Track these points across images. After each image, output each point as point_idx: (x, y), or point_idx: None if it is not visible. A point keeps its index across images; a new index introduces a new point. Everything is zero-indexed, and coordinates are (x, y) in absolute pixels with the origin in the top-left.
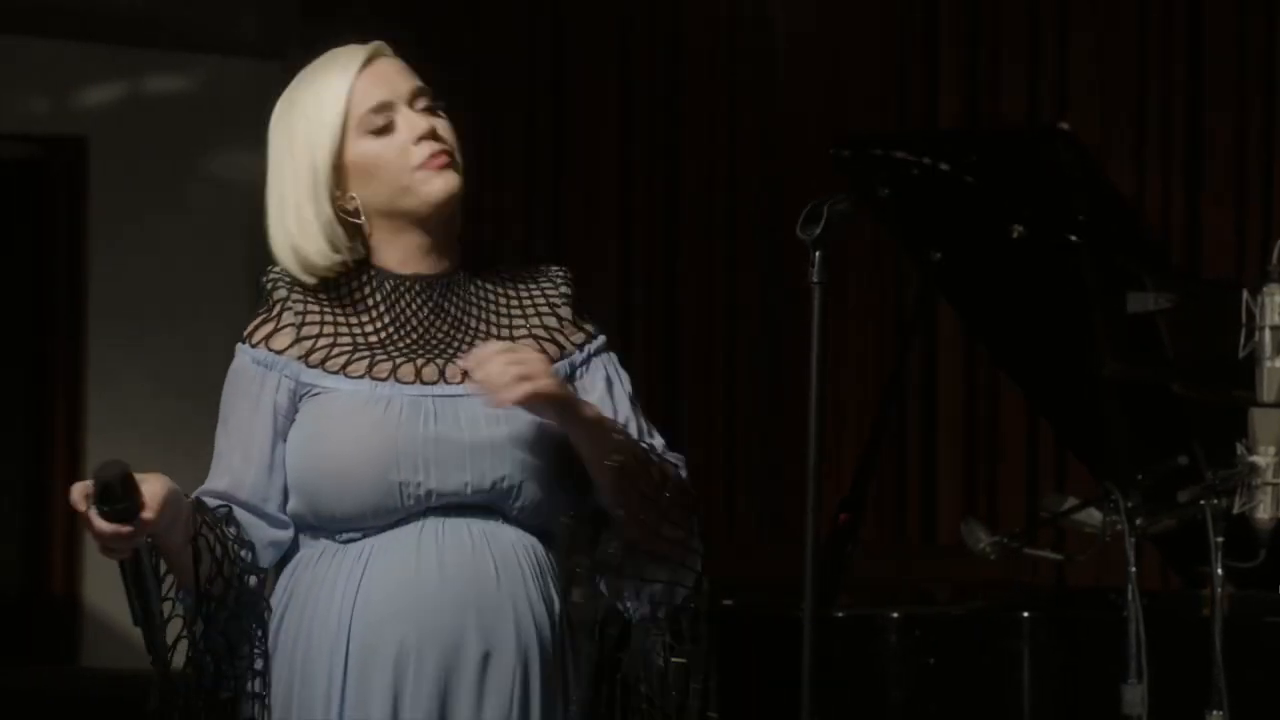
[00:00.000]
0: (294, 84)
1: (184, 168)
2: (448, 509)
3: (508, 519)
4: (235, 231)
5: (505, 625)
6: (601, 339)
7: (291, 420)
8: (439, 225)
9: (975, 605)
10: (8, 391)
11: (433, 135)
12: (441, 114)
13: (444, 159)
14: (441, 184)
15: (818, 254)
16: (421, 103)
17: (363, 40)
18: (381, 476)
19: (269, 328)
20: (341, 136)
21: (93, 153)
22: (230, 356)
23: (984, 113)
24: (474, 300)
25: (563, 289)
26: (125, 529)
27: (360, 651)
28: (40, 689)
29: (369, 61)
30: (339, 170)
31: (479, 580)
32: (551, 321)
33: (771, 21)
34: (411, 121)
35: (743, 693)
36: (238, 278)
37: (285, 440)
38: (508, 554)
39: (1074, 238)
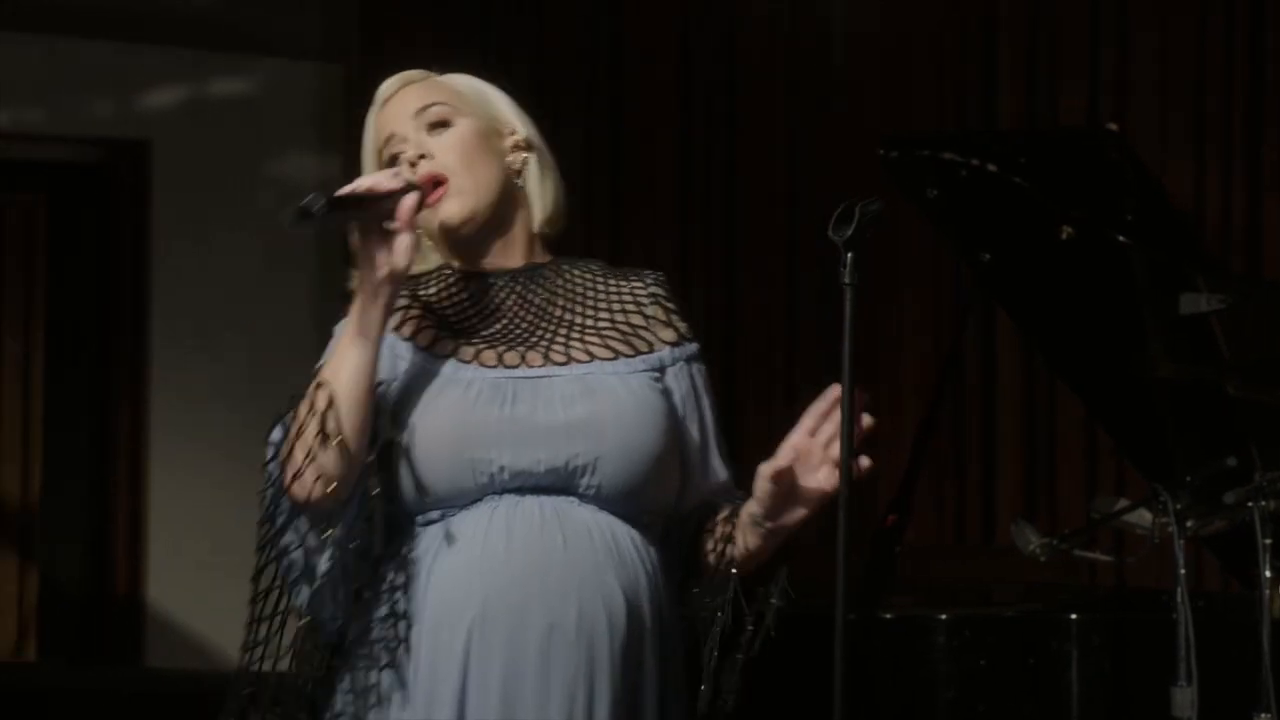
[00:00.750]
0: None
1: (246, 170)
2: (522, 488)
3: (583, 498)
4: (297, 234)
5: (569, 600)
6: (694, 346)
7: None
8: (476, 236)
9: (1025, 607)
10: (72, 394)
11: (420, 158)
12: (455, 125)
13: (437, 193)
14: (446, 212)
15: (849, 255)
16: (428, 116)
17: (417, 47)
18: (455, 454)
19: None
20: (378, 165)
21: (156, 156)
22: (291, 357)
23: (1042, 112)
24: (560, 291)
25: (653, 289)
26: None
27: (431, 630)
28: (105, 689)
29: (393, 93)
30: None
31: (545, 555)
32: (637, 319)
33: (829, 21)
34: (412, 145)
35: (792, 693)
36: (300, 280)
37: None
38: (578, 531)
39: (1122, 238)
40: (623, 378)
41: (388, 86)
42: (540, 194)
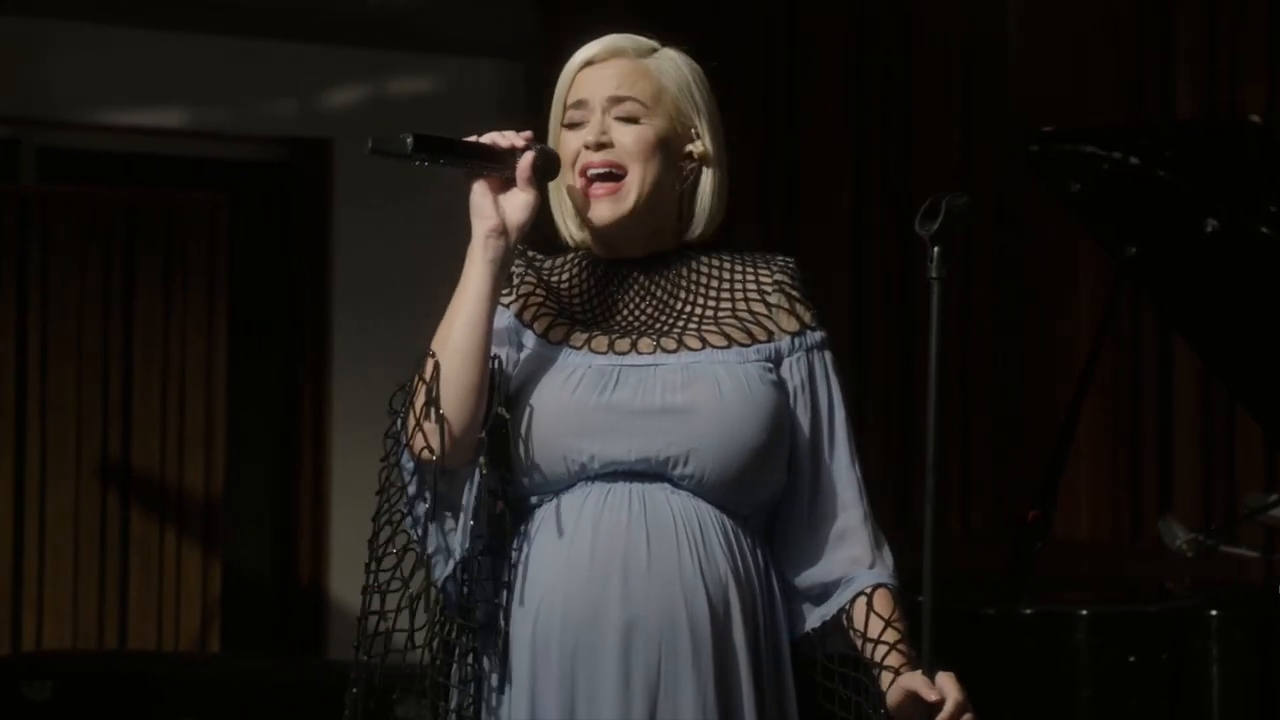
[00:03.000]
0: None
1: (427, 168)
2: (614, 475)
3: (677, 486)
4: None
5: (650, 595)
6: (819, 334)
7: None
8: (621, 233)
9: (1167, 603)
10: (255, 387)
11: (599, 146)
12: (643, 124)
13: (604, 186)
14: (597, 214)
15: (936, 250)
16: (620, 110)
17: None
18: (548, 441)
19: (506, 296)
20: (560, 121)
21: (338, 154)
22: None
23: (1221, 100)
24: (684, 281)
25: (778, 276)
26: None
27: (515, 619)
28: (288, 680)
29: (597, 60)
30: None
31: (628, 548)
32: (759, 307)
33: (1005, 8)
34: (593, 125)
35: None
36: None
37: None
38: (665, 523)
39: (1265, 230)
40: (730, 367)
41: (598, 50)
42: (705, 208)
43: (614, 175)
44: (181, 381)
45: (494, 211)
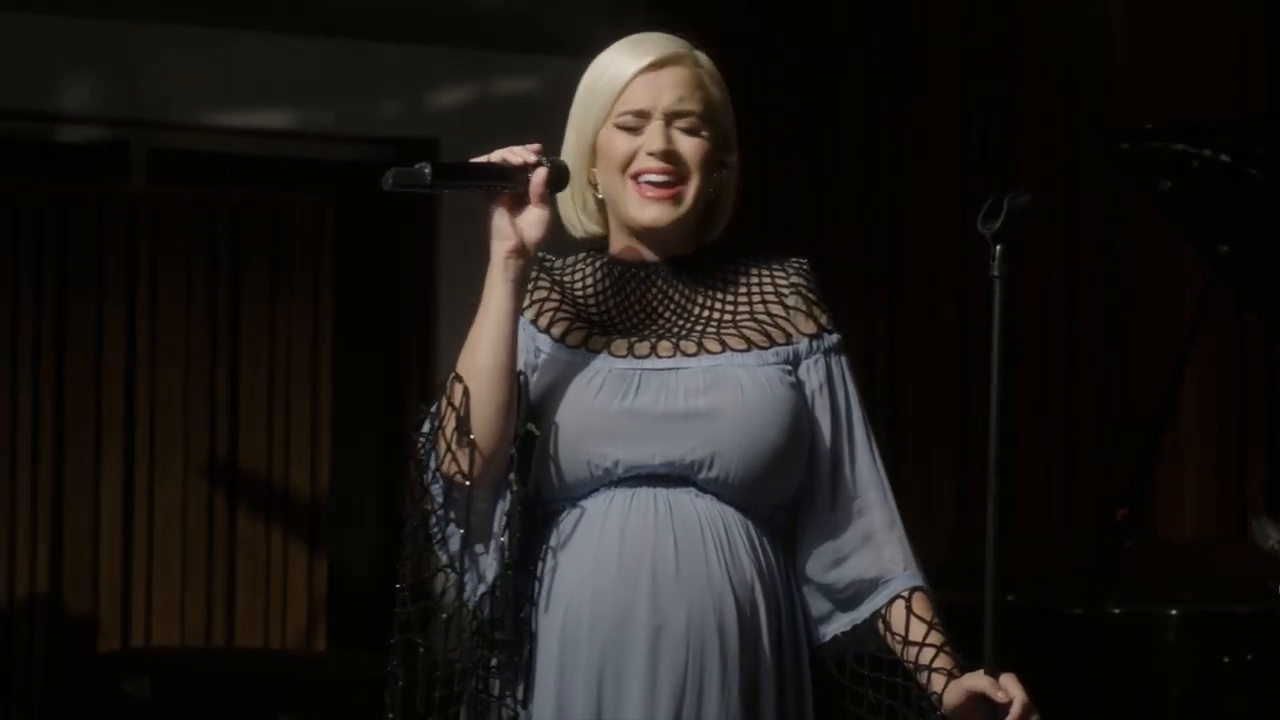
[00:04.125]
0: (611, 47)
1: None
2: (638, 479)
3: (702, 490)
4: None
5: (678, 601)
6: (835, 337)
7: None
8: (660, 237)
9: (1259, 604)
10: (360, 386)
11: (665, 155)
12: (701, 136)
13: (661, 191)
14: (650, 214)
15: (998, 248)
16: (681, 122)
17: (701, 45)
18: (572, 447)
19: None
20: (604, 117)
21: (443, 153)
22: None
23: None
24: (701, 285)
25: (794, 279)
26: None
27: (541, 624)
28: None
29: (662, 64)
30: (594, 149)
31: (656, 552)
32: (777, 310)
33: (1109, 5)
34: (655, 134)
35: None
36: None
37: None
38: (691, 527)
39: None
40: (751, 370)
41: (655, 55)
42: (724, 213)
43: (669, 183)
44: (288, 382)
45: (512, 231)
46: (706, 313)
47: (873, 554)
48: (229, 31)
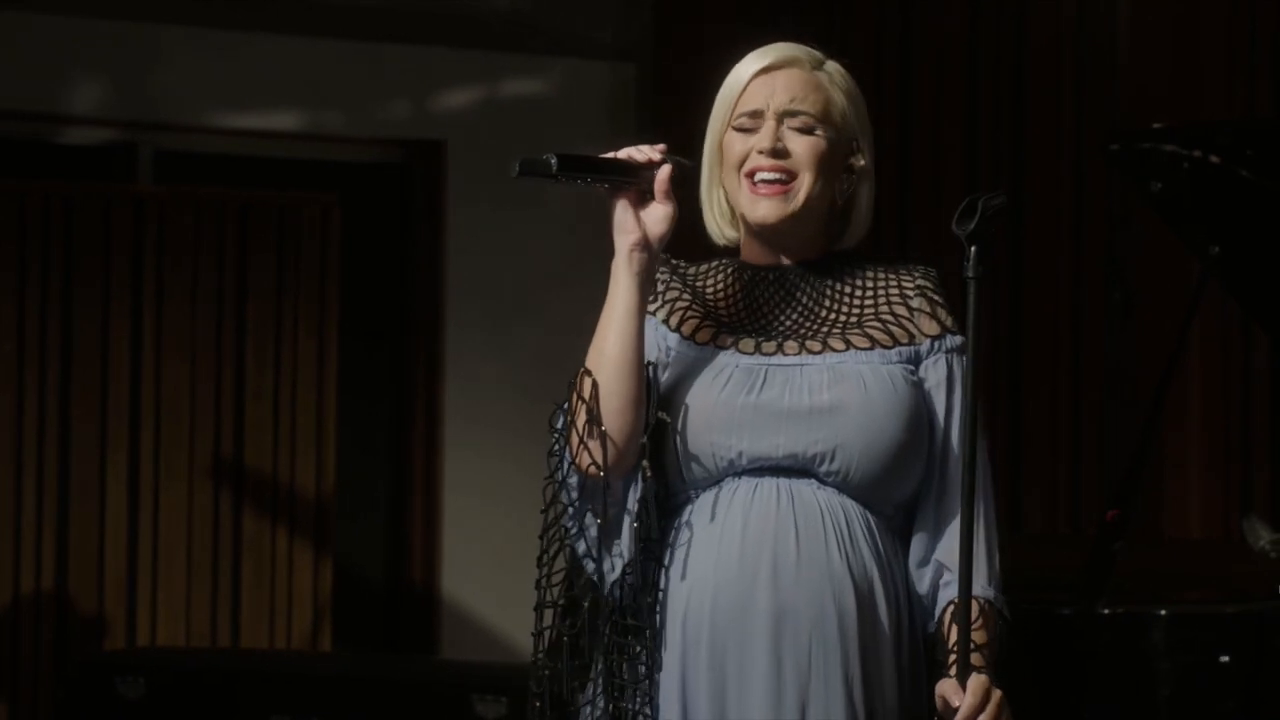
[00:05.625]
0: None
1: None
2: (761, 470)
3: (823, 482)
4: (590, 232)
5: (800, 586)
6: (958, 339)
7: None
8: (779, 237)
9: (1247, 604)
10: (367, 388)
11: (774, 152)
12: (816, 135)
13: (772, 188)
14: (761, 210)
15: (973, 249)
16: (794, 121)
17: (711, 46)
18: (699, 437)
19: (651, 304)
20: (727, 121)
21: (450, 155)
22: (584, 350)
23: None
24: (828, 289)
25: (919, 281)
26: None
27: (667, 610)
28: (399, 680)
29: (775, 67)
30: (720, 154)
31: (777, 541)
32: (901, 310)
33: (1115, 7)
34: (766, 132)
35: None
36: (593, 277)
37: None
38: (813, 516)
39: None
40: (874, 367)
41: (773, 58)
42: (861, 221)
43: (780, 180)
44: (294, 381)
45: (636, 226)
46: (832, 315)
47: (953, 549)
48: (236, 33)
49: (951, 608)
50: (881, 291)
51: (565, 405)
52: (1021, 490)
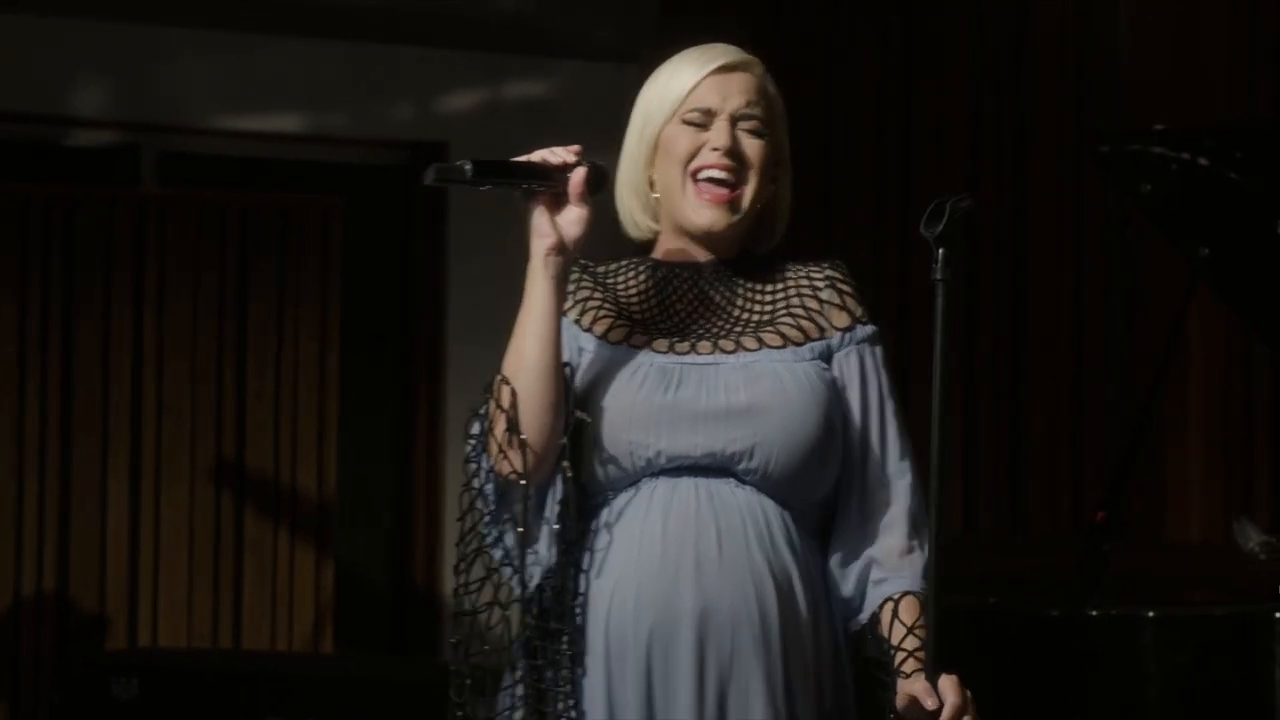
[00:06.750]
0: (679, 54)
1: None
2: (679, 470)
3: (741, 481)
4: (593, 233)
5: (723, 585)
6: (869, 328)
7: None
8: (710, 237)
9: (1235, 606)
10: (368, 390)
11: (729, 152)
12: (764, 139)
13: (719, 194)
14: (707, 217)
15: (941, 251)
16: (746, 124)
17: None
18: (616, 437)
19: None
20: (671, 115)
21: (453, 157)
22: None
23: None
24: (739, 288)
25: (829, 272)
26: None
27: (588, 613)
28: (401, 681)
29: (730, 68)
30: (655, 145)
31: (698, 540)
32: (812, 303)
33: (1117, 8)
34: (721, 131)
35: (990, 690)
36: None
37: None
38: (733, 516)
39: None
40: (788, 365)
41: (728, 59)
42: (780, 222)
43: (729, 183)
44: (295, 383)
45: (551, 229)
46: (745, 314)
47: (881, 545)
48: (239, 35)
49: (892, 605)
50: (792, 286)
51: (483, 410)
52: (1024, 491)
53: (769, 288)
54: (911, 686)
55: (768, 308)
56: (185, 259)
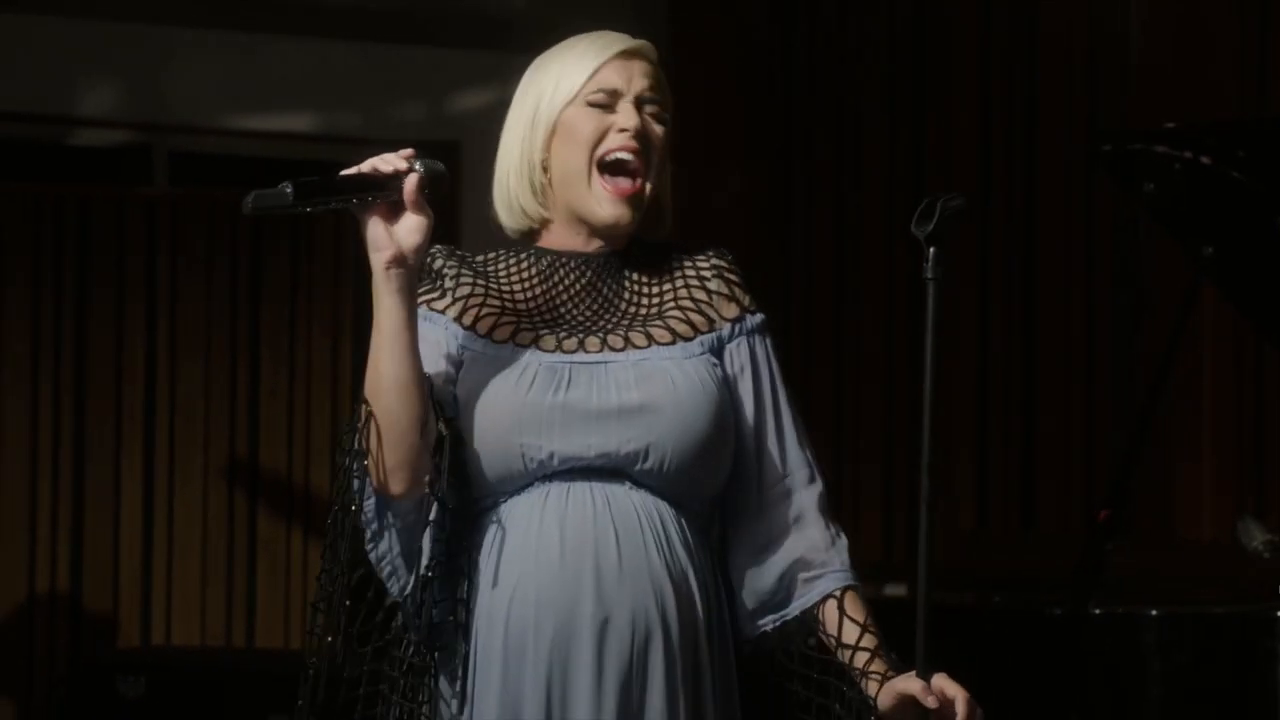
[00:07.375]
0: (565, 42)
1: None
2: (573, 473)
3: (636, 483)
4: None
5: (623, 591)
6: (758, 318)
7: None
8: (622, 229)
9: (1238, 605)
10: None
11: (637, 134)
12: (664, 126)
13: (625, 188)
14: (615, 212)
15: (931, 251)
16: (650, 109)
17: (724, 46)
18: (506, 440)
19: (432, 295)
20: (572, 97)
21: (464, 156)
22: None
23: None
24: (627, 280)
25: (715, 261)
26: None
27: (483, 620)
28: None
29: (630, 54)
30: (554, 127)
31: (598, 546)
32: (700, 295)
33: (1128, 7)
34: (629, 113)
35: (992, 688)
36: None
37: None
38: (630, 520)
39: None
40: (678, 362)
41: (631, 44)
42: (666, 216)
43: (634, 170)
44: (308, 381)
45: (389, 241)
46: (632, 308)
47: (800, 539)
48: (250, 35)
49: (835, 602)
50: (679, 278)
51: (358, 426)
52: (1035, 490)
53: (655, 278)
54: (907, 685)
55: (655, 300)
56: (197, 258)
